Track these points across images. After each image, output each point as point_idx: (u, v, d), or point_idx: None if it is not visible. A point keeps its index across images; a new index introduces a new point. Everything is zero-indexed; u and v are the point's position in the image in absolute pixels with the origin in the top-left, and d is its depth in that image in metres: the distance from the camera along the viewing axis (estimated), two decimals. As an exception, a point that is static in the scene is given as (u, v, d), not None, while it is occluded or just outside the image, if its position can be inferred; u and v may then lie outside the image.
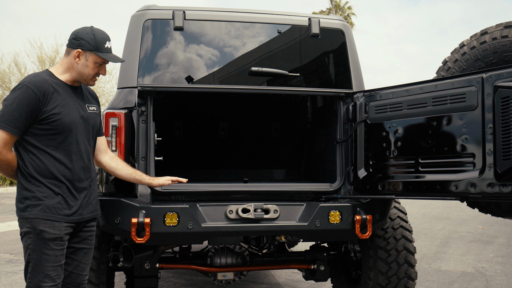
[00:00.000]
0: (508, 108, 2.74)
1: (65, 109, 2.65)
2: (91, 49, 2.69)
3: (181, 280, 5.63)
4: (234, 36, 3.68)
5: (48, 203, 2.60)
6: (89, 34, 2.70)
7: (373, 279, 3.81)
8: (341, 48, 3.80)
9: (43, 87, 2.59)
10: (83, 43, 2.69)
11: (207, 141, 4.98)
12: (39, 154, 2.61)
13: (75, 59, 2.70)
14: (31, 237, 2.59)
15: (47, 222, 2.59)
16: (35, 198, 2.60)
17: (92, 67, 2.72)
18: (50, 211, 2.60)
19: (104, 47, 2.72)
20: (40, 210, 2.59)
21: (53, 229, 2.60)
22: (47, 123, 2.59)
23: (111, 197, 3.34)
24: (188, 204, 3.28)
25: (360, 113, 3.58)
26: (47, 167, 2.61)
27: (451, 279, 5.87)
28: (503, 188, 2.78)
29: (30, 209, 2.59)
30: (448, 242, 8.43)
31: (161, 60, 3.54)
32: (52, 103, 2.60)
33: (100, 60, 2.72)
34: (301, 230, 3.39)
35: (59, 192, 2.63)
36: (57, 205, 2.62)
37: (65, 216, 2.64)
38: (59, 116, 2.61)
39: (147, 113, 3.43)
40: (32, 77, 2.63)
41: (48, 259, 2.59)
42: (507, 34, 3.35)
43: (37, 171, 2.60)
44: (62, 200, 2.64)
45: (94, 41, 2.70)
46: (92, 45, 2.69)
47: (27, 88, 2.56)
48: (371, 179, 3.51)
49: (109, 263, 3.69)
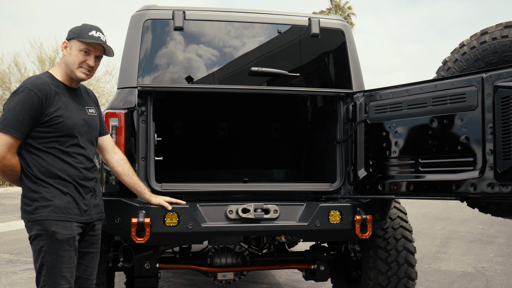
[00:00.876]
0: (508, 108, 2.74)
1: (67, 111, 2.63)
2: (74, 37, 2.68)
3: (181, 280, 5.63)
4: (234, 36, 3.68)
5: (57, 203, 2.56)
6: (77, 26, 2.72)
7: (373, 279, 3.81)
8: (341, 48, 3.80)
9: (45, 89, 2.57)
10: (69, 34, 2.71)
11: (207, 141, 4.98)
12: (43, 156, 2.58)
13: (63, 51, 2.71)
14: (43, 239, 2.54)
15: (58, 223, 2.55)
16: (44, 198, 2.56)
17: (75, 55, 2.67)
18: (61, 211, 2.56)
19: (87, 34, 2.68)
20: (50, 211, 2.55)
21: (65, 230, 2.57)
22: (50, 125, 2.57)
23: (111, 197, 3.34)
24: (188, 204, 3.27)
25: (360, 113, 3.58)
26: (52, 167, 2.58)
27: (451, 279, 5.87)
28: (503, 188, 2.78)
29: (40, 210, 2.54)
30: (448, 242, 8.43)
31: (161, 60, 3.54)
32: (54, 106, 2.58)
33: (83, 46, 2.67)
34: (301, 230, 3.39)
35: (67, 192, 2.60)
36: (67, 205, 2.59)
37: (75, 216, 2.61)
38: (62, 119, 2.59)
39: (147, 113, 3.43)
40: (34, 80, 2.60)
41: (64, 260, 2.56)
42: (507, 34, 3.35)
43: (42, 172, 2.57)
44: (71, 200, 2.61)
45: (78, 29, 2.70)
46: (75, 33, 2.69)
47: (29, 91, 2.53)
48: (371, 179, 3.51)
49: (109, 263, 3.68)
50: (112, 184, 3.37)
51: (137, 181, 3.07)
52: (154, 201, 3.14)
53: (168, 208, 3.15)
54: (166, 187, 3.39)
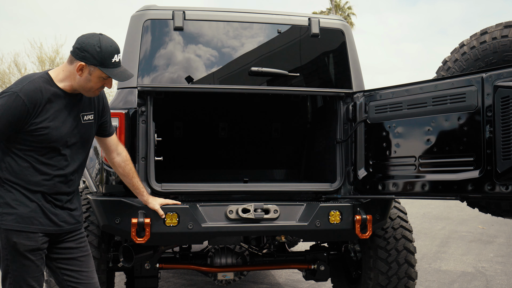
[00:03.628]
0: (508, 108, 2.74)
1: (56, 122, 2.45)
2: (95, 64, 2.43)
3: (181, 280, 5.63)
4: (234, 36, 3.68)
5: (21, 212, 2.40)
6: (95, 47, 2.42)
7: (373, 279, 3.80)
8: (341, 48, 3.80)
9: (36, 97, 2.38)
10: (88, 56, 2.43)
11: (207, 141, 4.98)
12: (18, 161, 2.42)
13: (77, 71, 2.45)
14: (6, 247, 2.41)
15: (21, 233, 2.40)
16: (7, 205, 2.40)
17: (95, 82, 2.49)
18: (24, 221, 2.40)
19: (111, 61, 2.46)
20: (13, 220, 2.39)
21: (28, 240, 2.41)
22: (32, 136, 2.40)
23: (111, 197, 3.34)
24: (188, 204, 3.28)
25: (360, 113, 3.58)
26: (24, 175, 2.42)
27: (451, 278, 5.87)
28: (503, 188, 2.78)
29: (2, 217, 2.39)
30: (448, 242, 8.43)
31: (161, 60, 3.53)
32: (42, 115, 2.41)
33: (105, 75, 2.48)
34: (301, 230, 3.39)
35: (34, 200, 2.43)
36: (31, 214, 2.42)
37: (40, 226, 2.45)
38: (47, 131, 2.42)
39: (147, 113, 3.43)
40: (26, 84, 2.40)
41: (29, 270, 2.44)
42: (507, 34, 3.34)
43: (11, 176, 2.42)
44: (38, 208, 2.44)
45: (100, 55, 2.43)
46: (97, 60, 2.43)
47: (17, 97, 2.35)
48: (371, 179, 3.51)
49: (109, 263, 3.68)
50: (112, 184, 3.36)
51: (137, 183, 3.04)
52: (150, 207, 3.15)
53: (162, 216, 3.16)
54: (166, 187, 3.39)
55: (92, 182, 3.52)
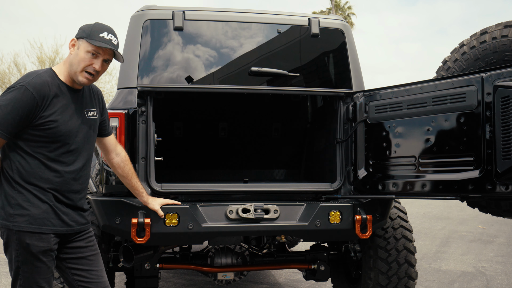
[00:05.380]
0: (508, 108, 2.74)
1: (63, 116, 2.46)
2: (83, 36, 2.48)
3: (181, 280, 5.63)
4: (233, 36, 3.68)
5: (34, 213, 2.40)
6: (89, 24, 2.52)
7: (374, 278, 3.81)
8: (341, 48, 3.80)
9: (44, 90, 2.40)
10: (79, 32, 2.51)
11: (207, 141, 4.98)
12: (29, 159, 2.42)
13: (70, 49, 2.52)
14: (18, 249, 2.41)
15: (34, 235, 2.40)
16: (19, 206, 2.40)
17: (82, 56, 2.47)
18: (37, 222, 2.40)
19: (98, 35, 2.47)
20: (25, 222, 2.39)
21: (41, 242, 2.42)
22: (42, 129, 2.41)
23: (111, 197, 3.34)
24: (188, 204, 3.28)
25: (360, 113, 3.58)
26: (35, 173, 2.42)
27: (452, 278, 5.87)
28: (503, 187, 2.78)
29: (15, 219, 2.39)
30: (448, 241, 8.43)
31: (161, 61, 3.53)
32: (50, 109, 2.42)
33: (91, 48, 2.46)
34: (301, 230, 3.39)
35: (46, 200, 2.43)
36: (44, 215, 2.42)
37: (53, 227, 2.45)
38: (56, 124, 2.43)
39: (147, 113, 3.43)
40: (33, 78, 2.42)
41: (40, 271, 2.44)
42: (507, 34, 3.34)
43: (23, 176, 2.41)
44: (49, 209, 2.44)
45: (89, 29, 2.49)
46: (86, 33, 2.48)
47: (26, 90, 2.36)
48: (371, 179, 3.51)
49: (109, 263, 3.68)
50: (112, 184, 3.36)
51: (136, 184, 3.03)
52: (150, 207, 3.15)
53: (162, 217, 3.18)
54: (166, 187, 3.39)
55: (92, 182, 3.52)
